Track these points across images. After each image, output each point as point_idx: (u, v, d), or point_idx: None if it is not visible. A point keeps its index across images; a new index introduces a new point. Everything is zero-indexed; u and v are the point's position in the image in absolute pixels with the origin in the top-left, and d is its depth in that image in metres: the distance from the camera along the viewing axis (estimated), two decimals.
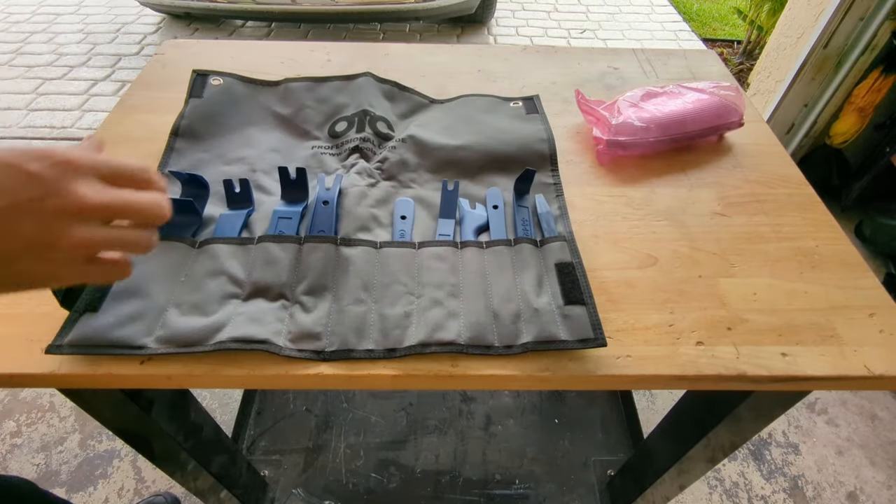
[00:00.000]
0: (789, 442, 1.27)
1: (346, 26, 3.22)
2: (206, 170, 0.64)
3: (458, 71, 0.85)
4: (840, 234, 0.60)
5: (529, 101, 0.77)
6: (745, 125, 0.73)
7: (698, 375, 0.47)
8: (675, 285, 0.54)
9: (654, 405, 1.33)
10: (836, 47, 1.54)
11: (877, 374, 0.47)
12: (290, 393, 1.20)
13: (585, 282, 0.52)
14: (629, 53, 0.92)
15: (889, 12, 1.41)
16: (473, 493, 1.07)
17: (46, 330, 0.46)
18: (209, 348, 0.45)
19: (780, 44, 1.82)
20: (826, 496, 1.18)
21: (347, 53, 0.88)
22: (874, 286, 0.54)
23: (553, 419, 1.18)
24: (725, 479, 1.21)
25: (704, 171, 0.69)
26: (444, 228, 0.58)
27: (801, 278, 0.55)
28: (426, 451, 1.12)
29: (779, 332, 0.50)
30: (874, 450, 1.26)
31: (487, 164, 0.67)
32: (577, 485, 1.08)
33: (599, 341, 0.47)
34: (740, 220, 0.62)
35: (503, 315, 0.49)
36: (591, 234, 0.59)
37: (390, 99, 0.76)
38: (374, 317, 0.49)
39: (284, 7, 2.62)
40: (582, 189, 0.65)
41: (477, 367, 0.47)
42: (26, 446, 1.21)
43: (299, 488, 1.05)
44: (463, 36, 3.16)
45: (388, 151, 0.67)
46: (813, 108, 1.68)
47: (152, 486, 1.15)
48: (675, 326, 0.50)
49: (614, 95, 0.75)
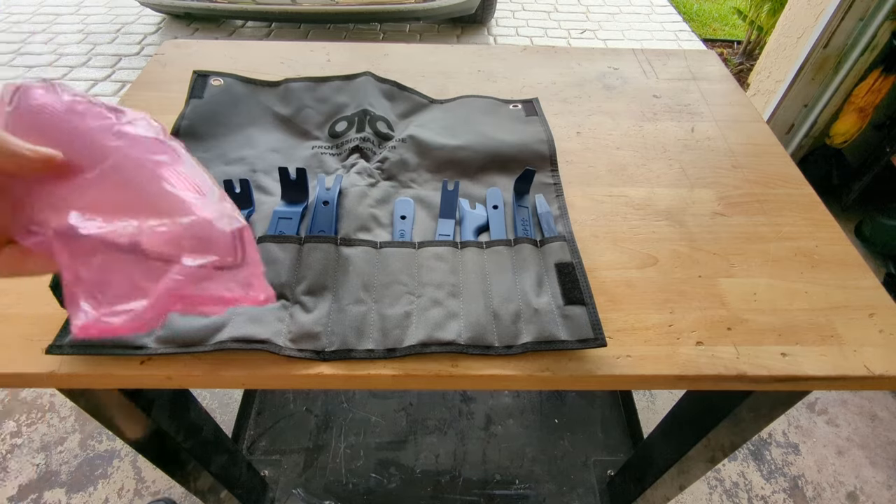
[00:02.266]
0: (789, 442, 1.27)
1: (346, 26, 3.22)
2: None
3: (458, 71, 0.85)
4: (840, 234, 0.60)
5: (529, 104, 0.77)
6: (745, 125, 0.73)
7: (698, 375, 0.47)
8: (675, 285, 0.54)
9: (654, 405, 1.33)
10: (836, 47, 1.54)
11: (877, 374, 0.47)
12: (290, 393, 1.20)
13: (585, 282, 0.52)
14: (629, 54, 0.92)
15: (889, 12, 1.41)
16: (473, 493, 1.07)
17: (46, 330, 0.46)
18: (209, 348, 0.45)
19: (780, 44, 1.81)
20: (826, 496, 1.18)
21: (347, 53, 0.88)
22: (874, 286, 0.54)
23: (553, 419, 1.18)
24: (725, 479, 1.20)
25: (704, 171, 0.69)
26: (444, 228, 0.58)
27: (801, 278, 0.55)
28: (426, 451, 1.12)
29: (779, 332, 0.50)
30: (874, 450, 1.26)
31: (487, 164, 0.67)
32: (577, 485, 1.08)
33: (599, 341, 0.47)
34: (740, 220, 0.62)
35: (503, 315, 0.49)
36: (591, 234, 0.59)
37: (390, 99, 0.76)
38: (374, 317, 0.49)
39: (284, 7, 2.62)
40: (582, 189, 0.65)
41: (477, 367, 0.47)
42: (26, 446, 1.21)
43: (299, 488, 1.05)
44: (463, 36, 3.16)
45: (388, 151, 0.67)
46: (813, 109, 1.68)
47: (152, 486, 1.15)
48: (675, 326, 0.50)
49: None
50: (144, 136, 0.29)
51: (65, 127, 0.28)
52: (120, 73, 2.63)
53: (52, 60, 2.71)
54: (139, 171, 0.28)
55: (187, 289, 0.28)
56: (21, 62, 2.69)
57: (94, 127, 0.28)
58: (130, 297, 0.27)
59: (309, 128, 0.72)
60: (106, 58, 2.76)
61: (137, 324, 0.27)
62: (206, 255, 0.28)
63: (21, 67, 2.65)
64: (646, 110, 0.79)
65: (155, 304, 0.28)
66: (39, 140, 0.27)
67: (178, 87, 0.76)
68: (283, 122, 0.73)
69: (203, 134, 0.68)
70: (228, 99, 0.73)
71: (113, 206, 0.28)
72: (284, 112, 0.73)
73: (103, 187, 0.28)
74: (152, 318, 0.28)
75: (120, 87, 2.54)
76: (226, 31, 3.16)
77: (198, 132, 0.68)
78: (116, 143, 0.28)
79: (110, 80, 2.59)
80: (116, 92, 2.49)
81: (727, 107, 0.80)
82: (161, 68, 0.82)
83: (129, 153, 0.28)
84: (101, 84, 2.55)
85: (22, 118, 0.28)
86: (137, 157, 0.28)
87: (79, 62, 2.70)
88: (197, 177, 0.30)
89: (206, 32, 3.13)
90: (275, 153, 0.68)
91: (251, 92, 0.75)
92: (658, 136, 0.74)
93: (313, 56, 0.86)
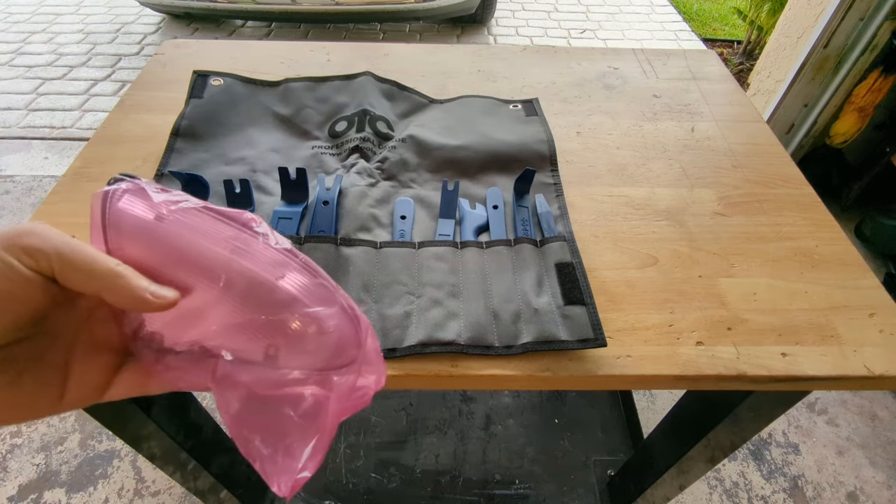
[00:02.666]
0: (789, 442, 1.27)
1: (346, 26, 3.22)
2: (206, 170, 0.64)
3: (458, 71, 0.85)
4: (840, 234, 0.60)
5: (529, 104, 0.77)
6: (745, 125, 0.73)
7: (698, 375, 0.47)
8: (675, 285, 0.54)
9: (654, 405, 1.33)
10: (836, 47, 1.54)
11: (877, 374, 0.47)
12: None
13: (585, 282, 0.52)
14: (629, 53, 0.92)
15: (889, 12, 1.41)
16: (473, 493, 1.07)
17: None
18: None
19: (780, 44, 1.81)
20: (826, 496, 1.18)
21: (347, 53, 0.88)
22: (874, 286, 0.54)
23: (553, 419, 1.18)
24: (725, 479, 1.20)
25: (704, 171, 0.69)
26: (444, 228, 0.58)
27: (801, 278, 0.55)
28: (426, 451, 1.12)
29: (779, 332, 0.50)
30: (874, 450, 1.26)
31: (487, 164, 0.67)
32: (577, 485, 1.08)
33: (599, 341, 0.47)
34: (740, 220, 0.62)
35: (503, 315, 0.49)
36: (591, 234, 0.59)
37: (390, 99, 0.76)
38: (374, 316, 0.49)
39: (284, 7, 2.62)
40: (582, 189, 0.65)
41: (477, 367, 0.47)
42: (26, 446, 1.21)
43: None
44: (463, 36, 3.16)
45: (388, 151, 0.67)
46: (813, 108, 1.68)
47: (152, 485, 1.15)
48: (675, 326, 0.50)
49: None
50: (263, 248, 0.27)
51: (165, 239, 0.26)
52: (120, 73, 2.63)
53: (51, 60, 2.71)
54: (259, 286, 0.26)
55: (343, 402, 0.27)
56: (21, 62, 2.69)
57: (206, 233, 0.26)
58: (306, 439, 0.27)
59: (309, 128, 0.72)
60: (106, 58, 2.75)
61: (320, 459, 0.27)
62: (345, 361, 0.27)
63: (21, 67, 2.65)
64: (646, 110, 0.79)
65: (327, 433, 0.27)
66: (142, 250, 0.25)
67: (178, 87, 0.76)
68: (283, 122, 0.73)
69: (203, 134, 0.68)
70: (228, 99, 0.73)
71: (237, 327, 0.26)
72: (284, 112, 0.73)
73: (223, 307, 0.26)
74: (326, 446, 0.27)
75: (120, 86, 2.54)
76: (226, 30, 3.16)
77: (198, 132, 0.68)
78: (230, 256, 0.26)
79: (110, 80, 2.58)
80: (116, 92, 2.49)
81: (727, 107, 0.80)
82: (161, 68, 0.82)
83: (244, 267, 0.26)
84: (100, 84, 2.55)
85: (120, 229, 0.26)
86: (254, 270, 0.26)
87: (79, 62, 2.70)
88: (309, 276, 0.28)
89: (206, 32, 3.13)
90: (275, 153, 0.68)
91: (251, 92, 0.75)
92: (658, 136, 0.74)
93: (313, 56, 0.86)
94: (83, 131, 2.24)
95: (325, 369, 0.27)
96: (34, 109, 2.36)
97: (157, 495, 1.14)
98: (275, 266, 0.26)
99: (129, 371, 0.27)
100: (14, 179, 1.94)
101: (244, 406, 0.27)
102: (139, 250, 0.25)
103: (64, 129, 2.25)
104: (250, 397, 0.26)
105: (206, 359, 0.27)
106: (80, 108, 2.39)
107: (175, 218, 0.26)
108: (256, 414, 0.27)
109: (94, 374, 0.26)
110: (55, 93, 2.47)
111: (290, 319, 0.26)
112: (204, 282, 0.26)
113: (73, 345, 0.25)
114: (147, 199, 0.26)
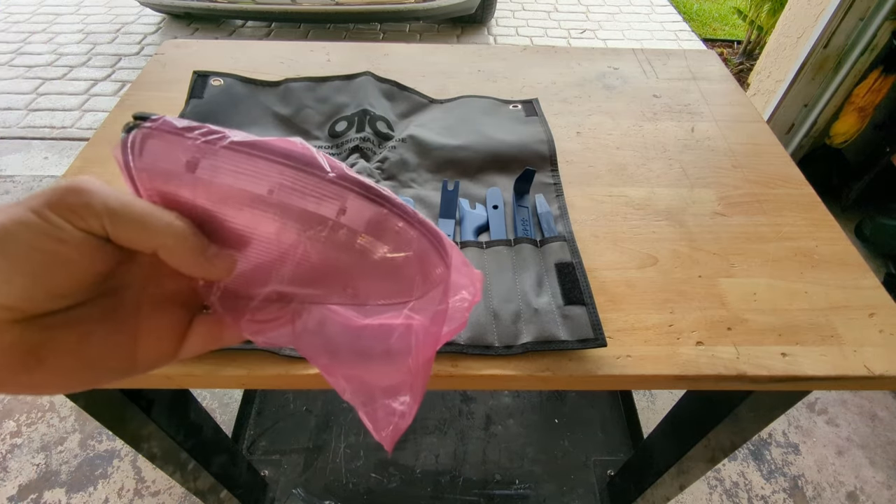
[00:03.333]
0: (789, 442, 1.27)
1: (346, 26, 3.22)
2: None
3: (458, 71, 0.85)
4: (840, 234, 0.60)
5: (529, 104, 0.77)
6: (745, 125, 0.73)
7: (698, 375, 0.47)
8: (675, 285, 0.54)
9: (654, 405, 1.33)
10: (836, 47, 1.54)
11: (877, 374, 0.47)
12: (290, 393, 1.20)
13: (585, 282, 0.52)
14: (629, 53, 0.92)
15: (889, 12, 1.41)
16: (473, 493, 1.07)
17: None
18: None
19: (780, 44, 1.81)
20: (826, 496, 1.18)
21: (347, 53, 0.88)
22: (874, 286, 0.54)
23: (553, 419, 1.18)
24: (725, 479, 1.20)
25: (704, 171, 0.69)
26: (443, 228, 0.58)
27: (801, 278, 0.55)
28: (426, 451, 1.12)
29: (779, 332, 0.50)
30: (874, 450, 1.26)
31: (487, 164, 0.67)
32: (577, 485, 1.08)
33: (599, 341, 0.47)
34: (740, 220, 0.62)
35: (503, 315, 0.49)
36: (591, 234, 0.59)
37: (390, 99, 0.76)
38: None
39: (284, 7, 2.62)
40: (582, 189, 0.65)
41: (477, 367, 0.47)
42: (26, 446, 1.21)
43: (299, 488, 1.05)
44: (463, 36, 3.16)
45: (388, 151, 0.67)
46: (813, 108, 1.68)
47: (152, 485, 1.15)
48: (675, 326, 0.50)
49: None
50: (315, 185, 0.23)
51: (208, 189, 0.23)
52: (120, 73, 2.63)
53: (51, 60, 2.71)
54: (319, 223, 0.23)
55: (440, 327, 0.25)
56: (21, 62, 2.69)
57: (253, 175, 0.22)
58: (403, 378, 0.25)
59: (309, 128, 0.72)
60: (106, 58, 2.75)
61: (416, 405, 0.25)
62: (432, 284, 0.24)
63: (21, 67, 2.65)
64: (646, 110, 0.79)
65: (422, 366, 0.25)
66: (184, 205, 0.22)
67: (178, 87, 0.76)
68: (283, 122, 0.73)
69: None
70: (228, 99, 0.73)
71: (309, 269, 0.24)
72: (284, 112, 0.73)
73: (288, 252, 0.23)
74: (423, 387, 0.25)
75: (120, 86, 2.54)
76: (226, 30, 3.16)
77: None
78: (285, 202, 0.23)
79: (110, 79, 2.59)
80: (116, 92, 2.50)
81: (727, 107, 0.80)
82: (161, 68, 0.82)
83: (301, 209, 0.23)
84: (100, 84, 2.55)
85: (153, 187, 0.23)
86: (309, 210, 0.23)
87: (79, 62, 2.70)
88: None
89: (205, 32, 3.13)
90: None
91: (251, 92, 0.75)
92: (658, 136, 0.74)
93: (313, 56, 0.86)
94: (83, 131, 2.24)
95: (411, 298, 0.25)
96: (34, 109, 2.36)
97: (157, 495, 1.14)
98: (333, 198, 0.23)
99: (202, 324, 0.26)
100: (14, 179, 1.94)
101: (332, 355, 0.25)
102: (181, 206, 0.23)
103: (64, 129, 2.25)
104: (338, 343, 0.25)
105: (283, 307, 0.25)
106: (80, 108, 2.39)
107: (210, 164, 0.22)
108: (348, 361, 0.25)
109: (166, 329, 0.25)
110: (55, 93, 2.47)
111: (367, 250, 0.23)
112: (262, 226, 0.23)
113: (140, 302, 0.24)
114: (173, 143, 0.23)
